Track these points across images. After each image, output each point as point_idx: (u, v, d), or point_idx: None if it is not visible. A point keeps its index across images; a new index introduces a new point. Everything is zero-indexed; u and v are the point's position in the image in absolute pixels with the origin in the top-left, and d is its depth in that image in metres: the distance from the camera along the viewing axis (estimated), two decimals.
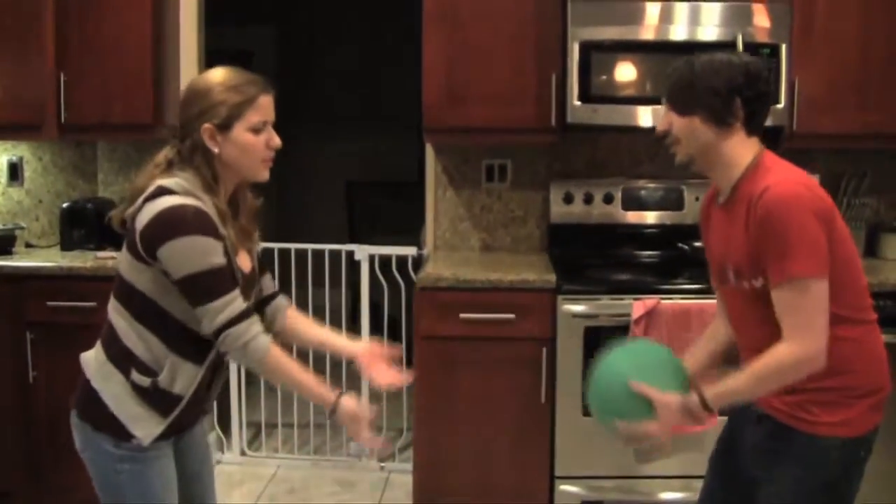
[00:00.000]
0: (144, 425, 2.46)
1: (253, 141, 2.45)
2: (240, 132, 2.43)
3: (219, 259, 2.36)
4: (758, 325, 2.46)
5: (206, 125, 2.41)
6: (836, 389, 2.45)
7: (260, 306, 2.71)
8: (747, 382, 2.42)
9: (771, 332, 2.38)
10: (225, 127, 2.42)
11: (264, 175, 2.52)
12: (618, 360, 2.63)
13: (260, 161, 2.49)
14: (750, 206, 2.39)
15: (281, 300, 2.82)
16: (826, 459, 2.46)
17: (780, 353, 2.36)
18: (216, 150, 2.42)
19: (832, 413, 2.44)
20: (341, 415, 2.51)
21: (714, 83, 2.45)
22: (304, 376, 2.50)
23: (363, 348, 2.76)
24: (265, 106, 2.47)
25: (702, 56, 2.51)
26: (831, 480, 2.47)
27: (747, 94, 2.46)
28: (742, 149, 2.50)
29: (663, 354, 2.65)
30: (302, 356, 2.74)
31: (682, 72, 2.52)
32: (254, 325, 2.41)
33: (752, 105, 2.48)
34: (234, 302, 2.38)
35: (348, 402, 2.52)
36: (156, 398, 2.46)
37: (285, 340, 2.72)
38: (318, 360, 5.01)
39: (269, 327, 2.66)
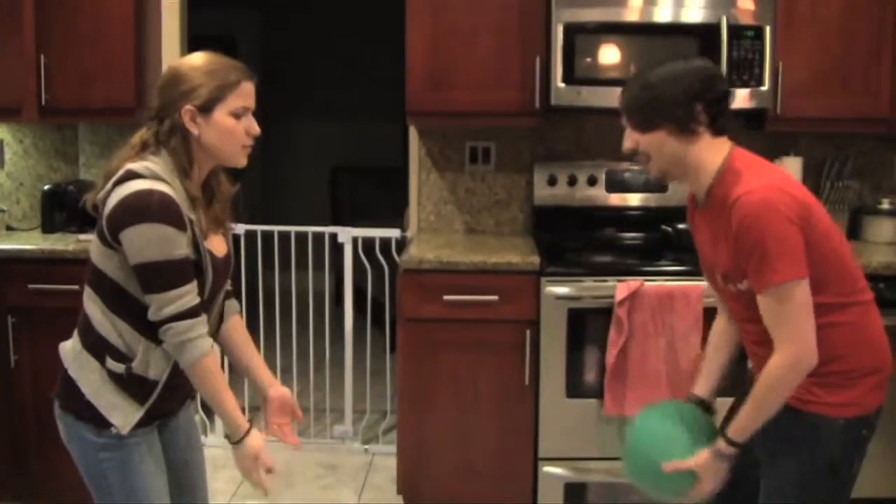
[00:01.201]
0: (122, 413, 2.44)
1: (233, 125, 2.43)
2: (221, 116, 2.42)
3: (178, 251, 2.33)
4: (755, 321, 2.48)
5: (187, 107, 2.39)
6: (838, 373, 2.47)
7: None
8: (761, 407, 2.45)
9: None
10: (206, 109, 2.40)
11: (242, 161, 2.50)
12: (647, 440, 2.68)
13: (239, 147, 2.47)
14: (724, 212, 2.41)
15: (232, 303, 2.76)
16: (829, 439, 2.48)
17: (775, 367, 2.40)
18: (196, 132, 2.41)
19: (835, 394, 2.47)
20: (245, 448, 2.50)
21: (673, 93, 2.45)
22: (227, 395, 2.47)
23: (275, 394, 2.70)
24: (247, 92, 2.47)
25: (654, 69, 2.51)
26: (834, 460, 2.49)
27: (707, 97, 2.46)
28: (710, 153, 2.50)
29: (688, 417, 2.68)
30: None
31: (637, 89, 2.52)
32: (198, 326, 2.38)
33: (714, 107, 2.47)
34: (186, 297, 2.36)
35: (255, 439, 2.50)
36: (131, 385, 2.44)
37: (219, 345, 2.70)
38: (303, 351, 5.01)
39: (213, 325, 2.63)
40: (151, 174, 2.35)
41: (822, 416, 2.47)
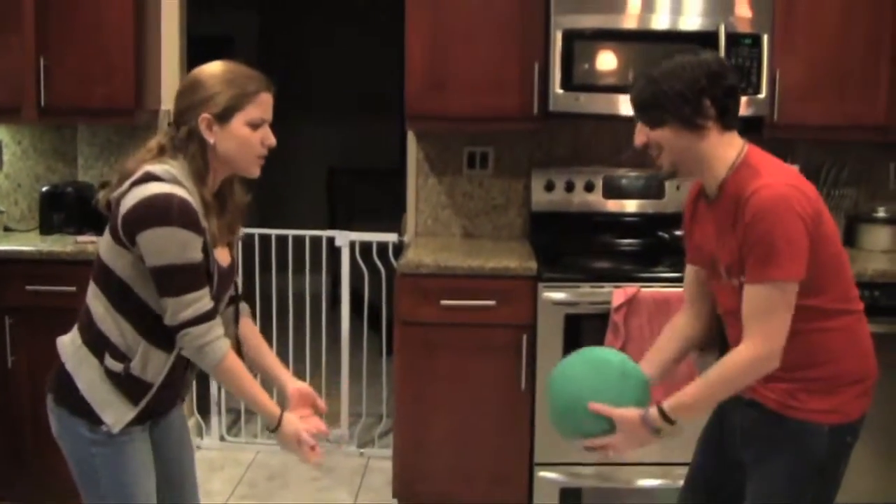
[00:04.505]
0: (115, 411, 2.45)
1: (249, 135, 2.44)
2: (238, 125, 2.42)
3: (196, 255, 2.35)
4: None
5: (205, 114, 2.40)
6: (825, 379, 2.48)
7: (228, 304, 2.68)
8: (708, 390, 2.45)
9: None
10: (223, 118, 2.41)
11: (255, 172, 2.51)
12: (575, 375, 2.63)
13: (254, 157, 2.48)
14: (738, 206, 2.40)
15: (244, 307, 2.77)
16: (814, 446, 2.48)
17: (739, 359, 2.40)
18: (212, 140, 2.41)
19: (820, 400, 2.47)
20: (283, 434, 2.51)
21: (679, 89, 2.43)
22: (255, 389, 2.49)
23: (293, 388, 2.67)
24: (265, 103, 2.48)
25: (660, 64, 2.49)
26: (819, 466, 2.50)
27: (714, 91, 2.44)
28: (722, 147, 2.49)
29: (620, 365, 2.63)
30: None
31: (644, 85, 2.50)
32: (215, 329, 2.40)
33: (722, 101, 2.46)
34: (202, 300, 2.37)
35: (289, 423, 2.51)
36: (127, 384, 2.45)
37: (244, 351, 2.71)
38: (298, 352, 5.02)
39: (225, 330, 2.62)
40: (171, 178, 2.36)
41: (806, 423, 2.48)
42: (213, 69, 2.46)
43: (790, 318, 2.37)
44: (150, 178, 2.35)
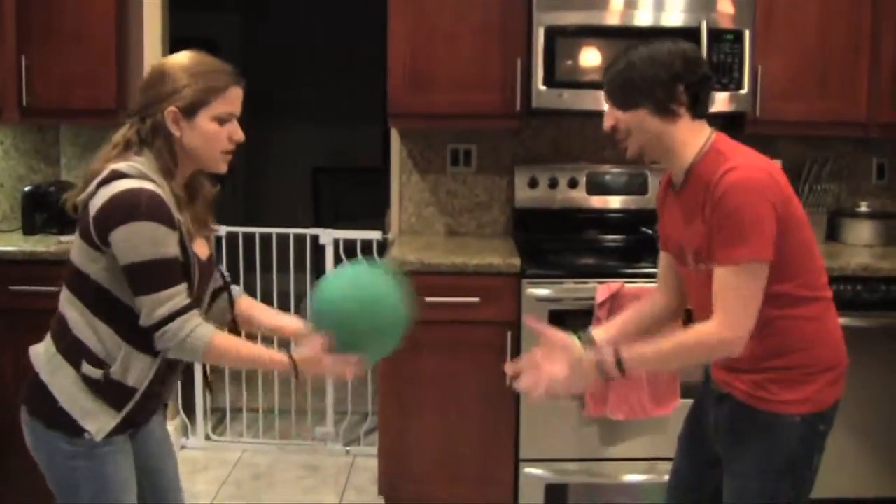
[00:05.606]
0: (97, 419, 2.39)
1: (216, 131, 2.40)
2: (204, 120, 2.38)
3: (170, 250, 2.30)
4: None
5: (171, 108, 2.35)
6: (795, 367, 2.49)
7: (212, 297, 2.63)
8: (666, 352, 2.44)
9: None
10: (189, 112, 2.36)
11: (222, 167, 2.47)
12: (372, 294, 2.48)
13: (220, 152, 2.43)
14: (708, 190, 2.41)
15: (236, 289, 2.72)
16: (787, 436, 2.49)
17: (704, 332, 2.40)
18: (178, 134, 2.37)
19: (791, 391, 2.48)
20: (303, 366, 2.44)
21: (655, 73, 2.46)
22: (254, 350, 2.46)
23: (294, 327, 2.67)
24: (234, 98, 2.42)
25: (637, 48, 2.52)
26: (793, 456, 2.51)
27: (689, 79, 2.47)
28: (691, 134, 2.51)
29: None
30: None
31: (620, 67, 2.52)
32: (192, 320, 2.33)
33: (695, 89, 2.48)
34: (178, 296, 2.32)
35: (305, 360, 2.44)
36: (108, 391, 2.39)
37: (241, 329, 2.68)
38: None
39: (221, 318, 2.61)
40: (138, 173, 2.31)
41: (777, 415, 2.49)
42: (180, 60, 2.41)
43: (758, 305, 2.37)
44: (116, 176, 2.30)
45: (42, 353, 2.45)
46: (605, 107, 2.60)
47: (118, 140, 2.42)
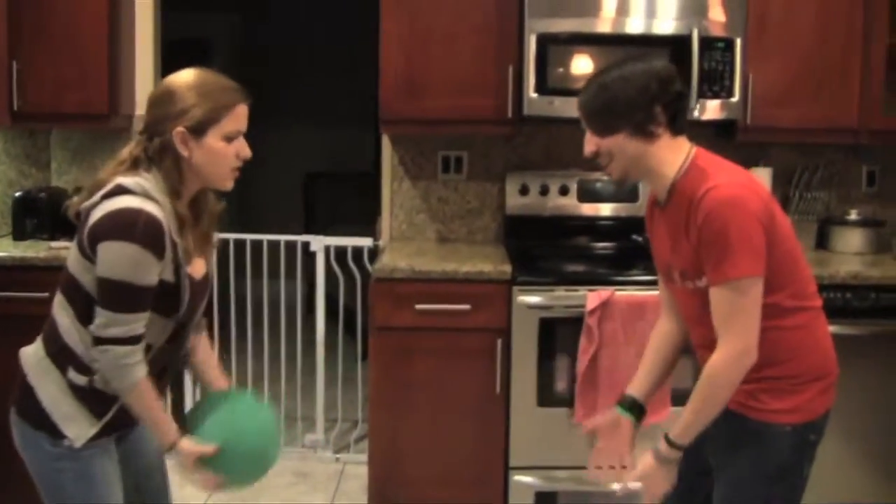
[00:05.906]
0: (77, 425, 2.41)
1: (224, 149, 2.40)
2: (212, 139, 2.38)
3: (149, 278, 2.30)
4: (706, 324, 2.48)
5: (179, 128, 2.35)
6: (785, 377, 2.49)
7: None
8: (700, 406, 2.46)
9: None
10: (198, 132, 2.36)
11: (229, 185, 2.47)
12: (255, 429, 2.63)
13: (228, 170, 2.44)
14: (690, 208, 2.42)
15: (200, 320, 2.72)
16: (777, 446, 2.50)
17: (717, 362, 2.41)
18: (186, 154, 2.36)
19: (781, 400, 2.49)
20: (180, 456, 2.47)
21: (631, 97, 2.45)
22: (160, 414, 2.45)
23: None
24: (241, 115, 2.43)
25: (610, 72, 2.51)
26: (784, 465, 2.51)
27: (665, 99, 2.46)
28: (671, 152, 2.51)
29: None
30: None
31: (596, 92, 2.51)
32: (137, 353, 2.34)
33: (672, 108, 2.48)
34: (135, 324, 2.32)
35: (187, 444, 2.47)
36: (91, 398, 2.41)
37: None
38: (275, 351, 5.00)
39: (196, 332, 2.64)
40: (142, 191, 2.32)
41: (768, 424, 2.50)
42: (186, 79, 2.41)
43: (759, 315, 2.38)
44: (121, 191, 2.31)
45: (31, 356, 2.48)
46: (586, 133, 2.57)
47: (125, 157, 2.42)
